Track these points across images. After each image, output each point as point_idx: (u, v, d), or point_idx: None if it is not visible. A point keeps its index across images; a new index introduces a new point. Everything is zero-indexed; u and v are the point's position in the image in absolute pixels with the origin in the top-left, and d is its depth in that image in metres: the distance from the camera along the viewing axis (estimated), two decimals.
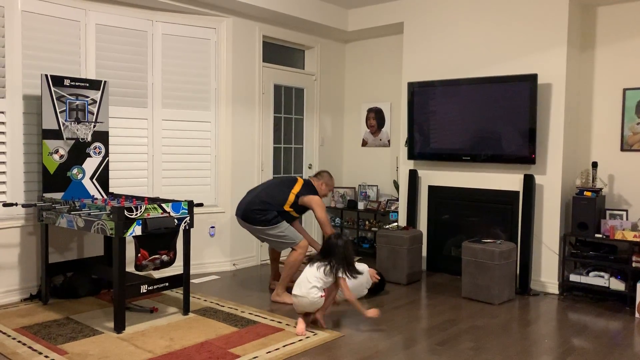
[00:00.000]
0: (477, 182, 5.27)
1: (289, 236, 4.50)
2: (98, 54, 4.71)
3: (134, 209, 3.60)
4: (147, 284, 3.79)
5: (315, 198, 4.57)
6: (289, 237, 4.50)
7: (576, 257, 4.73)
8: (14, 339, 3.44)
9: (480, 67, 5.22)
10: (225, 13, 5.39)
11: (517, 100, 4.84)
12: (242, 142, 5.65)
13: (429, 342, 3.58)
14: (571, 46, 4.80)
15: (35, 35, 4.35)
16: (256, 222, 4.48)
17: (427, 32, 5.59)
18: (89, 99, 4.41)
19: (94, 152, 4.47)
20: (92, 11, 4.67)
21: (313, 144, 6.56)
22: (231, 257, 5.60)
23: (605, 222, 4.60)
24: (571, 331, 3.84)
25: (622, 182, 4.83)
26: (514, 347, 3.49)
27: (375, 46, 6.57)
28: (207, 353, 3.27)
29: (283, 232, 4.49)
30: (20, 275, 4.30)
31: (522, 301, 4.59)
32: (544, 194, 4.87)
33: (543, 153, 4.85)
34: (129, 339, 3.48)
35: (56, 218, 3.98)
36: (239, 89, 5.57)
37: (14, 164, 4.25)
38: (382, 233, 5.26)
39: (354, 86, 6.82)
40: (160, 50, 5.11)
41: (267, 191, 4.55)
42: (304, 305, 3.70)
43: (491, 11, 5.15)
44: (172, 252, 3.92)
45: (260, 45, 5.77)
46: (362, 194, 6.48)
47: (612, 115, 4.89)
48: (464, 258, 4.65)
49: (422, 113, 5.50)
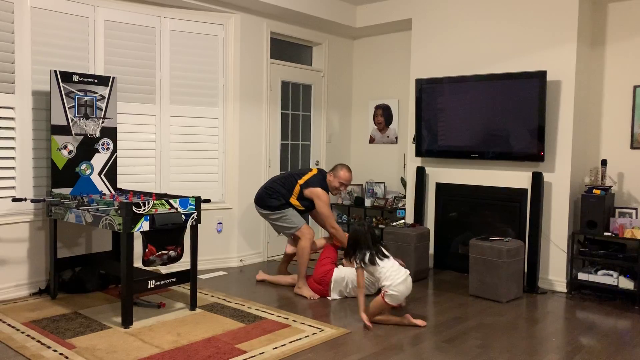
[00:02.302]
0: (485, 179, 5.24)
1: (292, 220, 4.55)
2: (107, 50, 4.73)
3: (141, 204, 3.61)
4: (154, 280, 3.80)
5: (318, 190, 4.47)
6: (291, 222, 4.56)
7: (585, 256, 4.70)
8: (23, 333, 3.47)
9: (489, 64, 5.19)
10: (233, 9, 5.39)
11: (526, 98, 4.81)
12: (250, 139, 5.65)
13: (435, 339, 3.57)
14: (581, 43, 4.76)
15: (44, 31, 4.37)
16: (264, 207, 4.62)
17: (436, 28, 5.56)
18: (98, 95, 4.43)
19: (103, 147, 4.49)
20: (101, 7, 4.68)
21: (320, 140, 6.55)
22: (238, 253, 5.61)
23: (615, 221, 4.57)
24: (579, 330, 3.82)
25: (632, 180, 4.79)
26: (521, 345, 3.48)
27: (383, 43, 6.55)
28: (214, 348, 3.28)
29: (286, 217, 4.56)
30: (29, 269, 4.33)
31: (529, 299, 4.57)
32: (553, 191, 4.84)
33: (552, 150, 4.82)
34: (137, 334, 3.50)
35: (65, 213, 4.00)
36: (246, 85, 5.57)
37: (23, 159, 4.27)
38: (390, 230, 5.25)
39: (362, 83, 6.80)
40: (169, 47, 5.12)
41: (282, 179, 4.67)
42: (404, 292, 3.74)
43: (500, 7, 5.12)
44: (180, 247, 3.93)
45: (267, 42, 5.77)
46: (369, 191, 6.47)
47: (622, 112, 4.84)
48: (472, 256, 4.63)
49: (430, 110, 5.48)
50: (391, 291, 3.67)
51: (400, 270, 3.76)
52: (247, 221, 5.65)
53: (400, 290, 3.69)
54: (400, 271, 3.75)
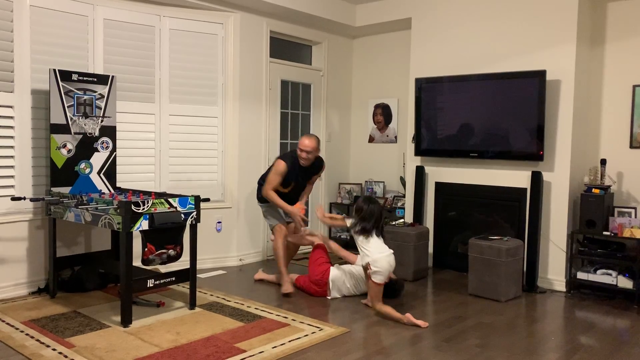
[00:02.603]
0: (484, 178, 5.24)
1: (269, 217, 4.78)
2: (106, 48, 4.72)
3: (141, 203, 3.61)
4: (153, 279, 3.80)
5: (278, 160, 4.64)
6: (269, 219, 4.79)
7: (584, 255, 4.70)
8: (22, 332, 3.46)
9: (489, 63, 5.19)
10: (233, 8, 5.39)
11: (525, 97, 4.81)
12: (249, 138, 5.65)
13: (434, 338, 3.57)
14: (581, 42, 4.76)
15: (43, 30, 4.36)
16: (257, 198, 4.87)
17: (435, 27, 5.56)
18: (97, 94, 4.43)
19: (102, 146, 4.48)
20: (100, 6, 4.68)
21: (320, 140, 6.53)
22: (238, 252, 5.61)
23: (614, 220, 4.57)
24: (578, 329, 3.83)
25: (631, 179, 4.79)
26: (520, 345, 3.48)
27: (383, 42, 6.55)
28: (213, 347, 3.28)
29: (266, 211, 4.79)
30: (28, 268, 4.33)
31: (528, 298, 4.58)
32: (552, 191, 4.84)
33: (551, 150, 4.82)
34: (136, 333, 3.50)
35: (64, 212, 4.00)
36: (246, 84, 5.57)
37: (22, 158, 4.27)
38: (389, 229, 5.24)
39: (361, 82, 6.80)
40: (168, 45, 5.11)
41: (269, 169, 4.82)
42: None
43: (500, 6, 5.12)
44: (179, 246, 3.93)
45: (267, 41, 5.77)
46: (368, 190, 6.47)
47: (621, 112, 4.84)
48: (471, 255, 4.63)
49: (430, 109, 5.48)
50: (374, 267, 3.90)
51: (384, 248, 4.02)
52: (246, 220, 5.65)
53: (382, 266, 3.92)
54: (384, 249, 4.01)
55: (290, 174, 4.58)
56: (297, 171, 4.63)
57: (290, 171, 4.58)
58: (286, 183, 4.63)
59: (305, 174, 4.74)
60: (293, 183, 4.67)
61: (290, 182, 4.64)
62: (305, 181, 4.80)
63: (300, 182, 4.73)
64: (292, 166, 4.58)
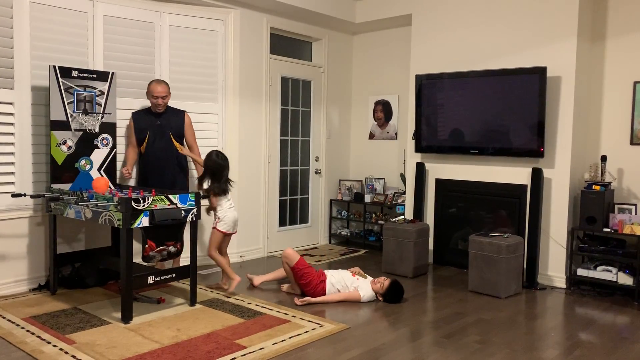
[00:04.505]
0: (484, 175, 5.24)
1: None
2: (106, 45, 4.72)
3: (141, 200, 3.61)
4: (154, 275, 3.81)
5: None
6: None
7: (584, 252, 4.70)
8: (23, 328, 3.47)
9: (489, 60, 5.18)
10: (233, 4, 5.37)
11: (525, 93, 4.80)
12: (249, 135, 5.64)
13: (434, 334, 3.58)
14: (581, 38, 4.75)
15: (43, 26, 4.36)
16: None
17: (436, 24, 5.55)
18: (97, 91, 4.42)
19: (102, 143, 4.48)
20: (100, 2, 4.67)
21: (320, 136, 6.55)
22: (238, 248, 5.61)
23: (614, 216, 4.57)
24: (578, 325, 3.83)
25: (632, 176, 4.79)
26: (520, 341, 3.49)
27: (383, 38, 6.54)
28: (213, 344, 3.28)
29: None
30: (28, 265, 4.33)
31: (529, 295, 4.58)
32: (552, 187, 4.84)
33: (552, 146, 4.82)
34: (136, 329, 3.50)
35: (64, 209, 4.00)
36: (246, 81, 5.56)
37: (22, 155, 4.27)
38: (389, 226, 5.25)
39: (362, 78, 6.79)
40: (168, 42, 5.10)
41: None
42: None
43: (500, 3, 5.10)
44: (179, 243, 3.93)
45: (267, 37, 5.76)
46: (368, 186, 6.47)
47: (622, 108, 4.84)
48: (471, 251, 4.63)
49: (430, 106, 5.47)
50: (224, 219, 4.40)
51: (231, 202, 4.50)
52: (246, 217, 5.64)
53: (228, 216, 4.42)
54: (231, 203, 4.50)
55: (139, 121, 4.62)
56: (152, 119, 4.61)
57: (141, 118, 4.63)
58: (141, 137, 4.59)
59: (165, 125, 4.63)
60: (149, 133, 4.59)
61: (145, 131, 4.59)
62: (169, 131, 4.63)
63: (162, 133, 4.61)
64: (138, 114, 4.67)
